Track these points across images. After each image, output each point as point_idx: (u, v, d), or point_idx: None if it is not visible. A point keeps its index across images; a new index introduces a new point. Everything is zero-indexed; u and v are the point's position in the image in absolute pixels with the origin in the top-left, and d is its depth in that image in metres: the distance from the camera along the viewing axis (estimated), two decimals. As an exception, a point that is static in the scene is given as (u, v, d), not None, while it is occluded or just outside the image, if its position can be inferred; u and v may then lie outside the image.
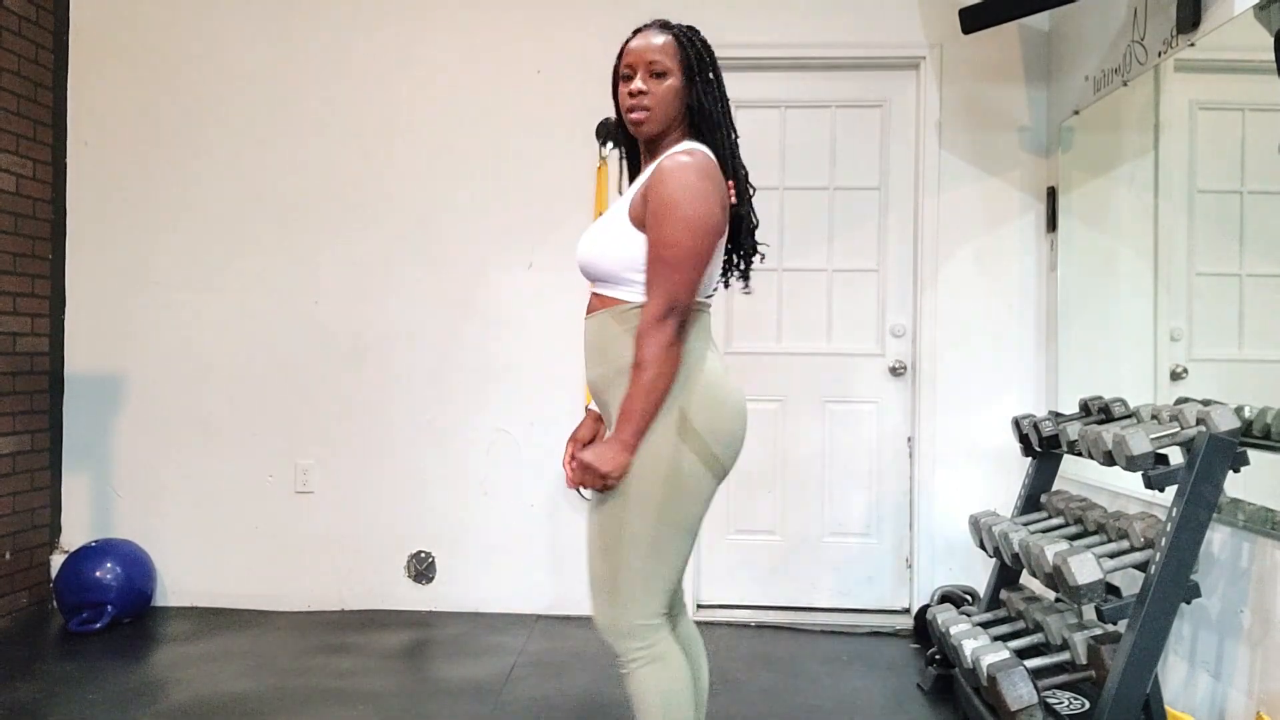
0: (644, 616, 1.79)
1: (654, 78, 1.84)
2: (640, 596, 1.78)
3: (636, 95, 1.85)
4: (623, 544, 1.77)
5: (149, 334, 3.93)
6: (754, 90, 3.91)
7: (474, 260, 3.89)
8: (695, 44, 1.88)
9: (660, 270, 1.74)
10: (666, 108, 1.85)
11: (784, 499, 3.90)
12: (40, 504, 3.82)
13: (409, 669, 3.20)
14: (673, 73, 1.85)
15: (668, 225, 1.73)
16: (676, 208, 1.72)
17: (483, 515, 3.87)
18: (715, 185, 1.78)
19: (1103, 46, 3.29)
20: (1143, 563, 2.32)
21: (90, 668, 3.15)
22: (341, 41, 3.92)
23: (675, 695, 1.79)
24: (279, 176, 3.92)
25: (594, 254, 1.85)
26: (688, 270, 1.74)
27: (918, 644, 3.55)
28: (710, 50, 1.91)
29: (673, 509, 1.77)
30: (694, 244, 1.73)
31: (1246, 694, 2.32)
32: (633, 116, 1.86)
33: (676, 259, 1.73)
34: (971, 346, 3.79)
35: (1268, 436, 2.29)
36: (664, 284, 1.73)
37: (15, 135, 3.68)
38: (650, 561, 1.78)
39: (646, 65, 1.84)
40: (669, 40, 1.86)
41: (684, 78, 1.86)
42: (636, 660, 1.79)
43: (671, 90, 1.85)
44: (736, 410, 1.82)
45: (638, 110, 1.85)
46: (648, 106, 1.84)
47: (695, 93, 1.86)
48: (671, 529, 1.78)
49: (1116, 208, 3.20)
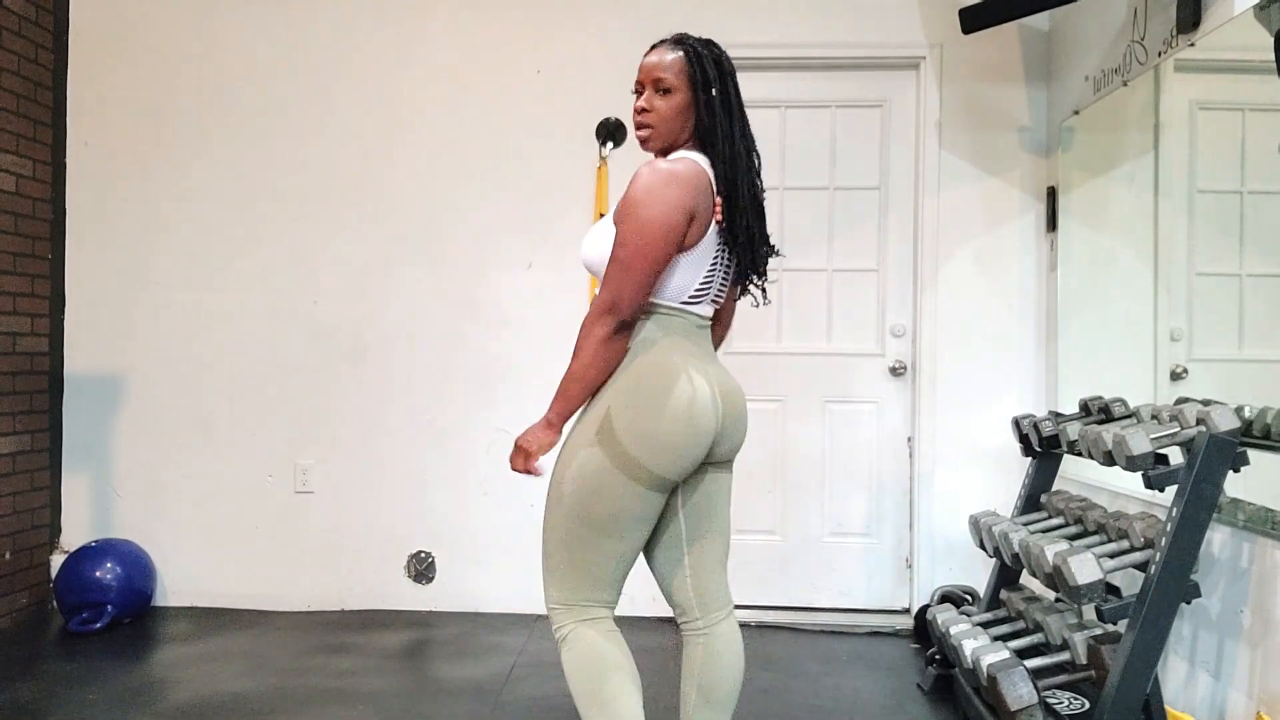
0: (556, 600, 1.86)
1: (659, 94, 1.88)
2: (555, 580, 1.85)
3: (641, 113, 1.91)
4: (546, 528, 1.87)
5: (149, 334, 3.93)
6: (754, 90, 3.87)
7: (474, 260, 3.89)
8: (706, 59, 1.90)
9: (611, 267, 1.79)
10: (669, 124, 1.89)
11: (784, 499, 3.90)
12: (40, 504, 3.82)
13: (409, 669, 3.20)
14: (678, 90, 1.88)
15: (623, 225, 1.78)
16: (634, 208, 1.77)
17: (483, 515, 3.87)
18: (684, 192, 1.79)
19: (1103, 46, 3.29)
20: (1143, 563, 2.32)
21: (90, 668, 3.15)
22: (341, 42, 3.92)
23: (577, 675, 1.83)
24: (279, 176, 3.92)
25: (591, 255, 1.89)
26: (634, 271, 1.77)
27: (918, 644, 3.55)
28: (724, 65, 1.93)
29: (584, 507, 1.80)
30: (642, 245, 1.76)
31: (1246, 694, 2.32)
32: (638, 134, 1.92)
33: (624, 258, 1.77)
34: (971, 346, 3.79)
35: (1268, 436, 2.29)
36: (610, 281, 1.78)
37: (15, 135, 3.68)
38: (563, 551, 1.84)
39: (653, 83, 1.89)
40: (678, 57, 1.89)
41: (691, 93, 1.88)
42: (557, 638, 1.86)
43: (675, 108, 1.88)
44: (677, 416, 1.78)
45: (642, 128, 1.91)
46: (650, 124, 1.90)
47: (699, 108, 1.89)
48: (585, 526, 1.81)
49: (1116, 208, 3.20)
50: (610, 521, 1.80)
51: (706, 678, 1.96)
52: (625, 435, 1.77)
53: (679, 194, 1.78)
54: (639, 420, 1.77)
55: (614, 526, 1.81)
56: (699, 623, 1.98)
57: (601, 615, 1.86)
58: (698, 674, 1.97)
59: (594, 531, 1.81)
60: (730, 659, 1.98)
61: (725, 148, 1.89)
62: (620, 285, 1.77)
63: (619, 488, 1.78)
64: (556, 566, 1.85)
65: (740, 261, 1.95)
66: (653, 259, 1.77)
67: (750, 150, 1.95)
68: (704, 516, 1.98)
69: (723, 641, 1.98)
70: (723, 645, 1.98)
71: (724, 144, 1.89)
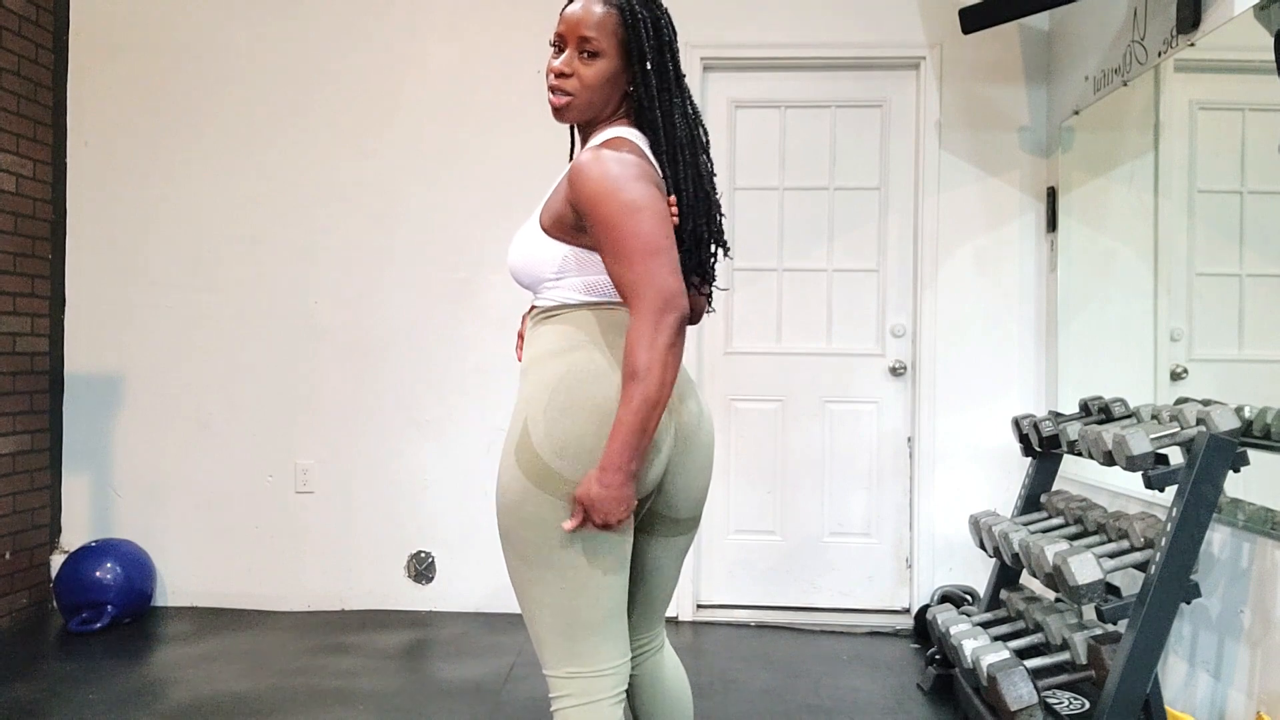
0: (552, 669, 1.54)
1: (584, 57, 1.55)
2: (546, 648, 1.54)
3: (560, 76, 1.56)
4: (515, 589, 1.57)
5: (149, 334, 3.93)
6: (754, 90, 3.91)
7: (474, 259, 3.89)
8: (644, 22, 1.55)
9: (634, 266, 1.44)
10: (593, 94, 1.56)
11: (784, 499, 3.90)
12: (40, 504, 3.82)
13: (409, 669, 3.20)
14: (607, 54, 1.54)
15: (615, 215, 1.45)
16: (613, 197, 1.45)
17: (483, 515, 3.87)
18: (643, 173, 1.49)
19: (1103, 46, 3.29)
20: (1143, 563, 2.32)
21: (90, 668, 3.15)
22: (341, 42, 3.92)
23: None
24: (279, 176, 3.92)
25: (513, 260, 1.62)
26: (661, 252, 1.45)
27: (918, 644, 3.55)
28: (664, 30, 1.58)
29: (517, 540, 1.51)
30: (650, 225, 1.45)
31: (1246, 694, 2.32)
32: (553, 99, 1.57)
33: (645, 247, 1.44)
34: (971, 347, 3.79)
35: (1268, 436, 2.29)
36: (642, 279, 1.44)
37: (15, 135, 3.68)
38: (530, 608, 1.54)
39: (578, 41, 1.55)
40: (609, 13, 1.54)
41: (621, 61, 1.56)
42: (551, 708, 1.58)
43: (602, 75, 1.55)
44: (600, 416, 1.48)
45: (558, 94, 1.56)
46: (569, 92, 1.56)
47: (637, 81, 1.56)
48: (523, 564, 1.51)
49: (1116, 208, 3.20)
50: (549, 552, 1.49)
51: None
52: (547, 447, 1.48)
53: (642, 174, 1.49)
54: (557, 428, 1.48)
55: (555, 558, 1.49)
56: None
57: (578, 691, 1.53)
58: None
59: (538, 569, 1.50)
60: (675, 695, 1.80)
61: (666, 134, 1.57)
62: (655, 275, 1.43)
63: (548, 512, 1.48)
64: (528, 624, 1.56)
65: (685, 265, 1.60)
66: (667, 235, 1.47)
67: (695, 136, 1.61)
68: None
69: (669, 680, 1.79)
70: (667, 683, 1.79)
71: (665, 129, 1.57)
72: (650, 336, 1.42)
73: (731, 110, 3.91)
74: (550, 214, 1.56)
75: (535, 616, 1.54)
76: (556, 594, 1.51)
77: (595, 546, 1.50)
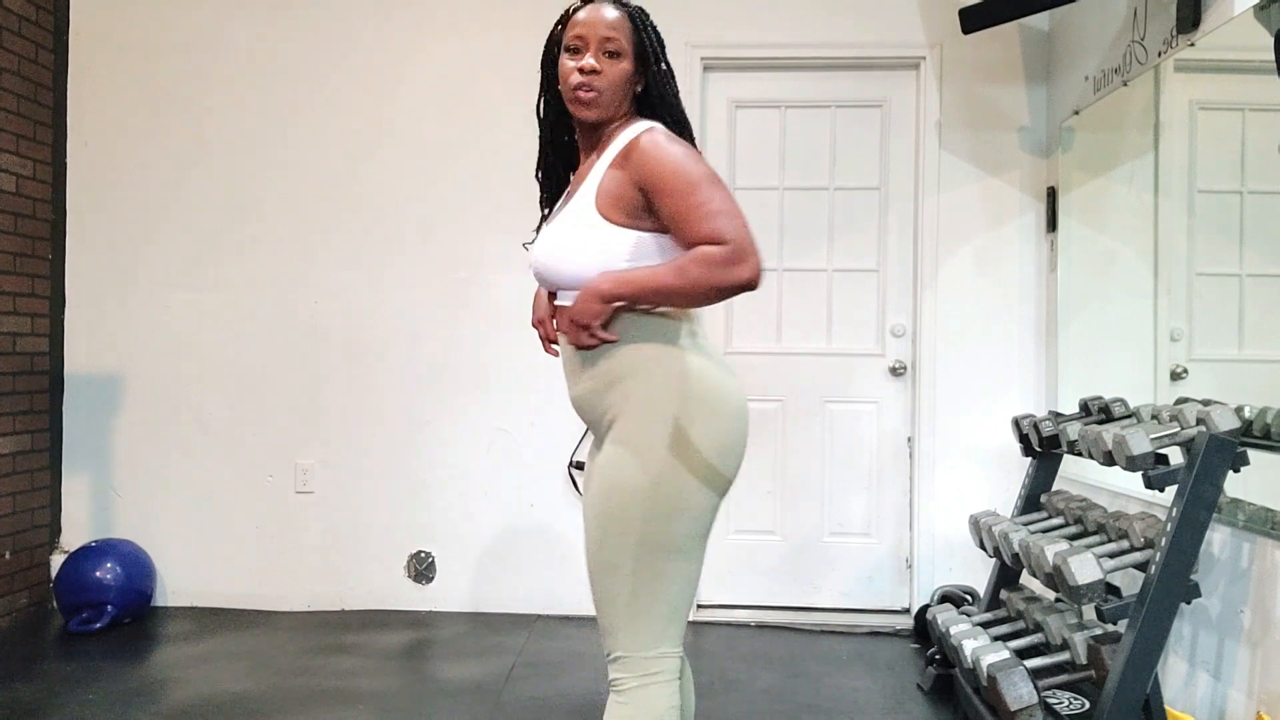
0: (626, 649, 1.60)
1: (607, 57, 1.64)
2: (625, 626, 1.60)
3: (589, 74, 1.63)
4: (602, 571, 1.61)
5: (149, 334, 3.93)
6: (754, 90, 3.91)
7: (474, 260, 3.89)
8: (650, 27, 1.70)
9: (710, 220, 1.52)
10: (616, 92, 1.65)
11: (784, 499, 3.90)
12: (40, 504, 3.82)
13: (409, 669, 3.20)
14: (625, 54, 1.65)
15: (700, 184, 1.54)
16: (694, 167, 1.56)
17: (483, 515, 3.87)
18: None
19: (1103, 46, 3.29)
20: (1143, 563, 2.32)
21: (90, 668, 3.15)
22: (342, 42, 3.92)
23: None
24: (279, 176, 3.92)
25: (556, 261, 1.65)
26: (740, 217, 1.54)
27: (918, 644, 3.55)
28: (661, 38, 1.73)
29: (663, 533, 1.58)
30: (724, 192, 1.55)
31: (1246, 694, 2.32)
32: (582, 95, 1.64)
33: (721, 208, 1.53)
34: (971, 347, 3.79)
35: (1268, 436, 2.29)
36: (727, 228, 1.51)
37: (15, 135, 3.68)
38: (633, 591, 1.59)
39: (601, 41, 1.64)
40: (623, 18, 1.66)
41: (634, 63, 1.67)
42: (612, 685, 1.63)
43: (624, 74, 1.65)
44: (737, 414, 1.64)
45: (587, 90, 1.64)
46: (599, 88, 1.64)
47: (651, 81, 1.69)
48: (662, 554, 1.59)
49: (1116, 208, 3.20)
50: (688, 542, 1.61)
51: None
52: (706, 446, 1.59)
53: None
54: (713, 428, 1.60)
55: (691, 546, 1.62)
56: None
57: (668, 669, 1.61)
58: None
59: (673, 557, 1.60)
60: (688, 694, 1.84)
61: (680, 130, 1.70)
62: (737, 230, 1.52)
63: (702, 503, 1.60)
64: (625, 610, 1.60)
65: None
66: (738, 207, 1.56)
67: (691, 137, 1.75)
68: None
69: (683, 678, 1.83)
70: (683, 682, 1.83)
71: (679, 124, 1.70)
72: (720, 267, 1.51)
73: (731, 110, 3.91)
74: (609, 201, 1.61)
75: (648, 605, 1.59)
76: (683, 580, 1.62)
77: (709, 532, 1.65)
